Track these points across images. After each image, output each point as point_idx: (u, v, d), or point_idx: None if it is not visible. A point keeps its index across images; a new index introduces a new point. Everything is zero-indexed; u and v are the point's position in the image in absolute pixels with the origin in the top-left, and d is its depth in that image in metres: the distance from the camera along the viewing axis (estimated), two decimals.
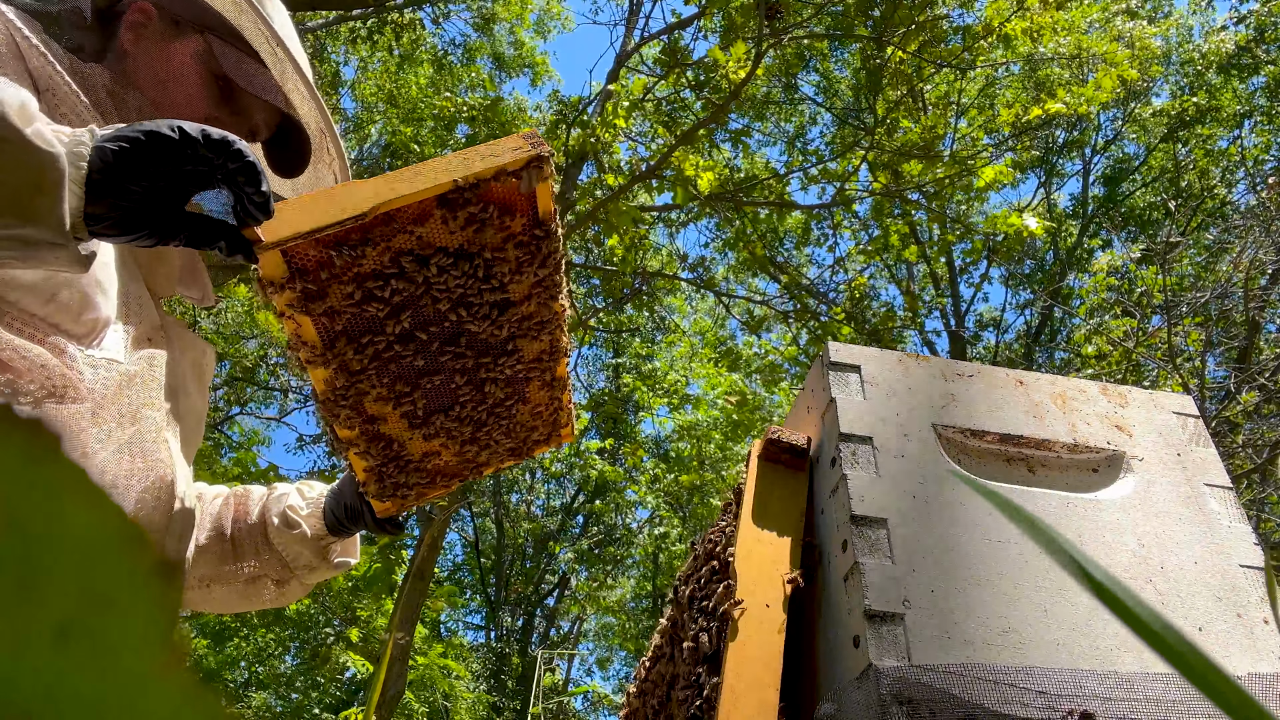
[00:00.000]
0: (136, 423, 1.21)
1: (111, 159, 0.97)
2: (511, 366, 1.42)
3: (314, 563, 1.64)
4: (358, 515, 1.60)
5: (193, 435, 1.40)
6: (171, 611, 1.34)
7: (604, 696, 13.82)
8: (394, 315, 1.24)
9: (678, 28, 8.77)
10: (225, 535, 1.62)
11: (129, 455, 1.19)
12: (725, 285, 13.29)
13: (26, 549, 0.19)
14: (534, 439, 1.61)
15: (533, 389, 1.49)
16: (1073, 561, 0.28)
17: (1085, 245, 15.46)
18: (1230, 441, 7.26)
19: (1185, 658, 0.26)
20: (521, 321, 1.36)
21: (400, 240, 1.17)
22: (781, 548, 1.43)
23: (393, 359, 1.30)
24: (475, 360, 1.37)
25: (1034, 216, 8.12)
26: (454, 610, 18.01)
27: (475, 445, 1.52)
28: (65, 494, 0.19)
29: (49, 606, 0.18)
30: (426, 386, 1.37)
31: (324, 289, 1.17)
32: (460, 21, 13.06)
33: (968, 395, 1.55)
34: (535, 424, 1.57)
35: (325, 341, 1.23)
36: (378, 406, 1.36)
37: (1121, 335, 8.03)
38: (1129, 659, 1.26)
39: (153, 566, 0.20)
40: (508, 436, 1.56)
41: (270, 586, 1.64)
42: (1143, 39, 10.76)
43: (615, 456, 14.84)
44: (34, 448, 0.19)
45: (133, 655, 0.19)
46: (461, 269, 1.24)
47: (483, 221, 1.20)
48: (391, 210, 1.14)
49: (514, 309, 1.34)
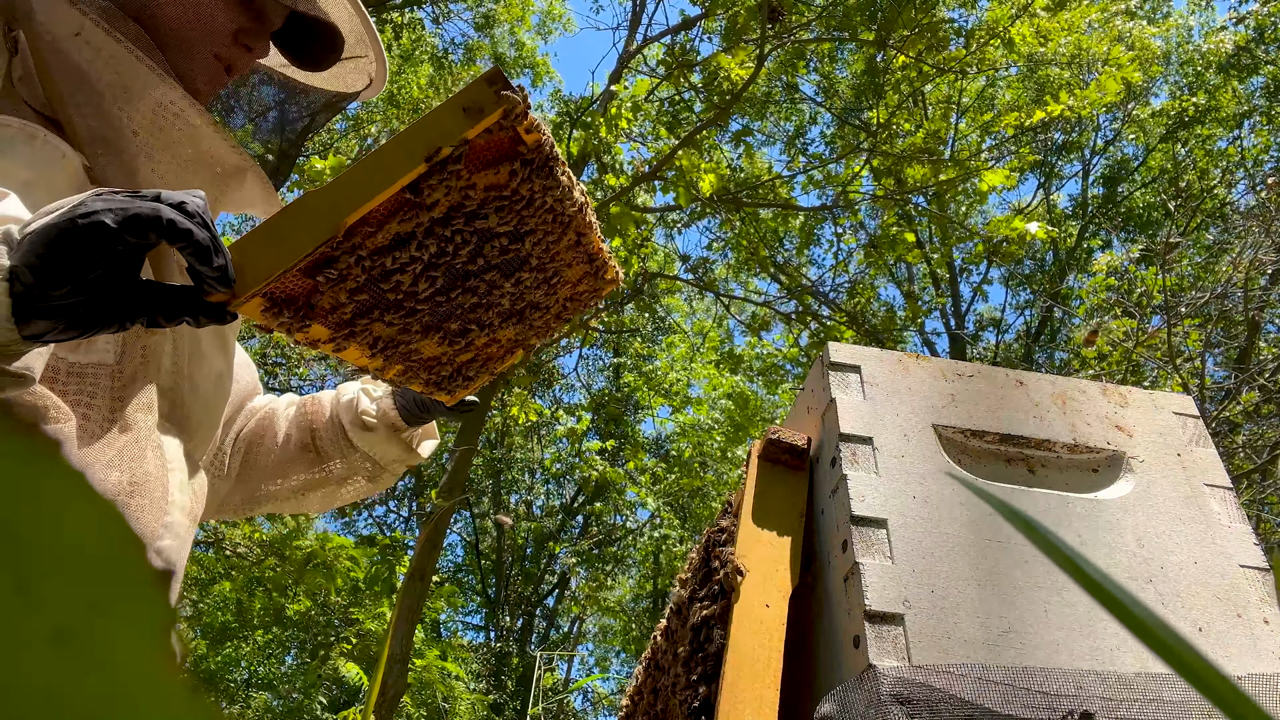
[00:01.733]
0: (126, 431, 1.18)
1: (38, 267, 0.87)
2: (542, 261, 1.30)
3: (402, 455, 1.71)
4: (428, 405, 1.63)
5: (212, 400, 1.38)
6: (169, 616, 1.32)
7: (605, 697, 13.84)
8: (410, 293, 1.16)
9: (681, 29, 8.77)
10: (308, 445, 1.68)
11: (116, 470, 1.16)
12: (724, 286, 13.29)
13: (23, 553, 0.19)
14: (580, 294, 1.47)
15: (565, 260, 1.36)
16: (1069, 562, 0.28)
17: (1085, 245, 15.46)
18: (1230, 441, 7.26)
19: (1183, 658, 0.26)
20: (543, 235, 1.26)
21: (381, 237, 1.07)
22: (781, 548, 1.43)
23: (422, 313, 1.22)
24: (505, 275, 1.27)
25: (1037, 222, 8.12)
26: (454, 610, 18.02)
27: (521, 323, 1.42)
28: (63, 498, 0.19)
29: (46, 610, 0.18)
30: (460, 311, 1.27)
31: (317, 303, 1.09)
32: (461, 22, 13.06)
33: (968, 395, 1.55)
34: (580, 286, 1.45)
35: (341, 329, 1.15)
36: (419, 342, 1.28)
37: (1121, 336, 8.03)
38: (1129, 659, 1.26)
39: (151, 572, 0.20)
40: (551, 299, 1.42)
41: (362, 482, 1.72)
42: (1142, 39, 10.76)
43: (616, 458, 14.85)
44: (31, 451, 0.19)
45: (130, 660, 0.19)
46: (460, 225, 1.13)
47: (469, 183, 1.09)
48: (363, 216, 1.03)
49: (531, 234, 1.24)
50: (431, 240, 1.13)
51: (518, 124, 1.07)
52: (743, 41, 7.50)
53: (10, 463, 0.19)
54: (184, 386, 1.31)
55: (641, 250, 8.68)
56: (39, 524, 0.19)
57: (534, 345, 1.51)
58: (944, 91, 11.37)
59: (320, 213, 1.01)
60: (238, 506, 1.68)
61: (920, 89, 9.15)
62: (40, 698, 0.18)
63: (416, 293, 1.18)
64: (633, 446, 13.94)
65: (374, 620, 10.97)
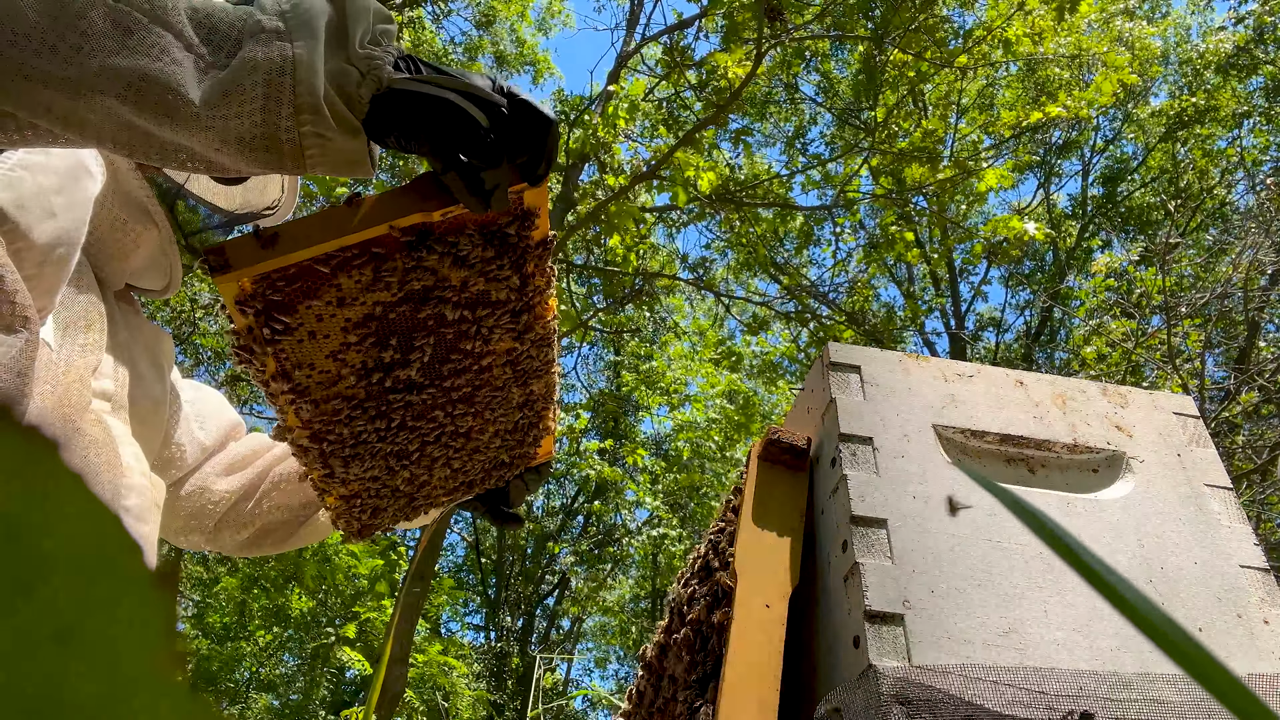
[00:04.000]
0: (66, 400, 1.13)
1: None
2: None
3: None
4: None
5: (150, 422, 1.35)
6: (170, 617, 1.31)
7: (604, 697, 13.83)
8: (396, 382, 1.20)
9: (679, 28, 8.77)
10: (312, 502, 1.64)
11: (60, 421, 1.11)
12: (725, 286, 13.30)
13: (24, 553, 0.18)
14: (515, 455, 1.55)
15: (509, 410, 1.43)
16: (1075, 556, 0.28)
17: (1085, 245, 15.47)
18: (1230, 441, 7.27)
19: (1189, 654, 0.26)
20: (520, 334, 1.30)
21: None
22: (781, 548, 1.43)
23: (394, 422, 1.26)
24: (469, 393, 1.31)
25: (1034, 223, 8.13)
26: (453, 609, 18.02)
27: (451, 469, 1.46)
28: (62, 498, 0.19)
29: (46, 611, 0.18)
30: (419, 432, 1.32)
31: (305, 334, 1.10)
32: (461, 20, 13.05)
33: (968, 395, 1.55)
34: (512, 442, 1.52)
35: (299, 391, 1.16)
36: (367, 460, 1.31)
37: (1121, 336, 8.03)
38: (1129, 659, 1.26)
39: (152, 573, 0.20)
40: (483, 456, 1.49)
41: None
42: (1141, 39, 10.76)
43: (616, 457, 14.84)
44: (31, 451, 0.19)
45: (132, 660, 0.19)
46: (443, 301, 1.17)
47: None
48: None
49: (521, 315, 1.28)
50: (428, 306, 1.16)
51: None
52: (741, 41, 7.50)
53: (10, 463, 0.19)
54: (122, 397, 1.27)
55: (639, 247, 8.67)
56: (39, 524, 0.19)
57: (454, 499, 1.54)
58: (943, 92, 11.36)
59: (372, 216, 1.06)
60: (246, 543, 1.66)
61: (918, 87, 9.15)
62: (41, 698, 0.18)
63: (402, 381, 1.20)
64: (632, 444, 13.95)
65: (376, 613, 10.97)
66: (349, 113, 0.95)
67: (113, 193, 1.26)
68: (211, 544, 1.63)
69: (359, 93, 0.96)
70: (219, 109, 0.90)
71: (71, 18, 0.86)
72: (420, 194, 1.06)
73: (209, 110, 0.90)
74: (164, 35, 0.90)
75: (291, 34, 0.93)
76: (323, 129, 0.94)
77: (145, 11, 0.90)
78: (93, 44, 0.86)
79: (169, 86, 0.89)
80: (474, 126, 0.97)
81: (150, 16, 0.90)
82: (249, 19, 0.94)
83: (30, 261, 1.05)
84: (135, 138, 0.92)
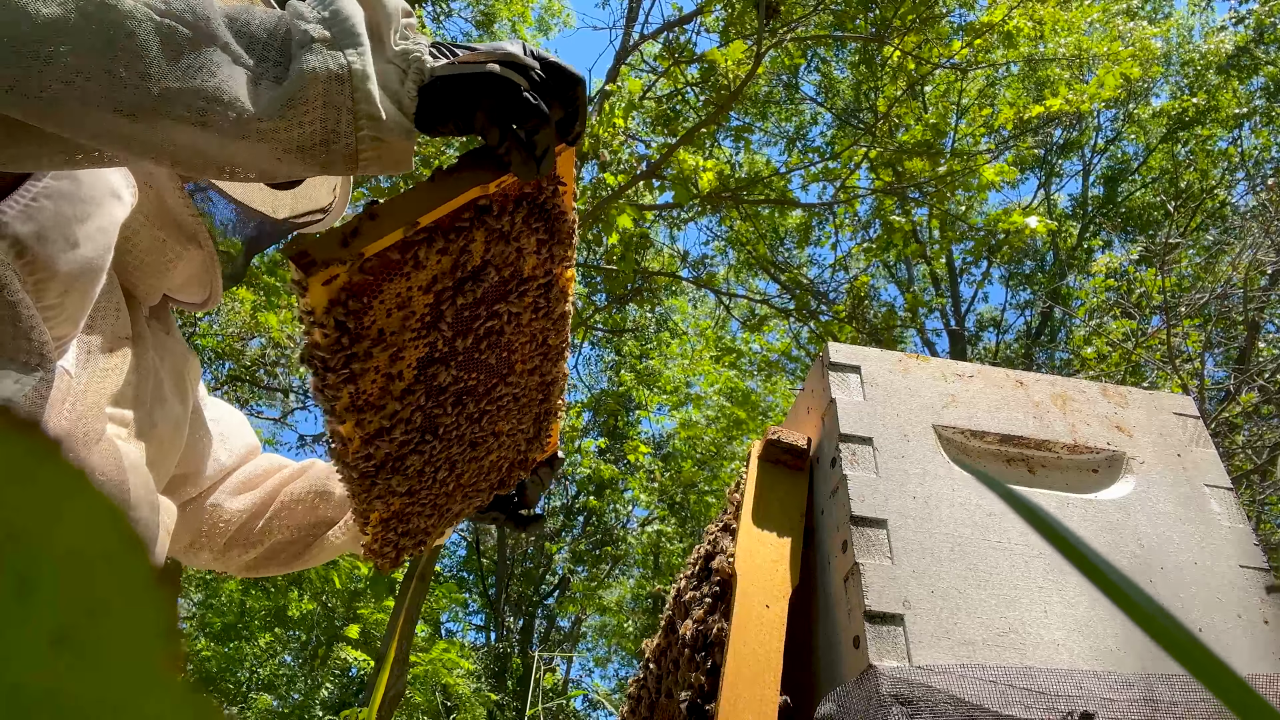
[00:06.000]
0: (77, 426, 1.12)
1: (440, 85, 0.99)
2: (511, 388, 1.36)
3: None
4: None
5: (170, 443, 1.35)
6: (171, 617, 1.30)
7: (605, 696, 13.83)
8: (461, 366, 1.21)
9: (677, 24, 8.77)
10: (327, 521, 1.64)
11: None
12: (726, 285, 13.29)
13: (24, 553, 0.18)
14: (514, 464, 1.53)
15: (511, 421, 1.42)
16: (1075, 552, 0.28)
17: (1085, 245, 15.47)
18: (1230, 441, 7.27)
19: (1191, 651, 0.26)
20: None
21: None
22: (781, 548, 1.43)
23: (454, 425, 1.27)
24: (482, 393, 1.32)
25: (1036, 216, 8.12)
26: (453, 609, 18.02)
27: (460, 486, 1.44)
28: (63, 497, 0.19)
29: (47, 612, 0.18)
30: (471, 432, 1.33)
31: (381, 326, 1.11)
32: (461, 20, 13.05)
33: (968, 395, 1.55)
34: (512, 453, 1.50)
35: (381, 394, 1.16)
36: (429, 476, 1.31)
37: (1121, 336, 8.03)
38: (1129, 659, 1.26)
39: (152, 573, 0.20)
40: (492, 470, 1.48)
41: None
42: (1142, 39, 10.76)
43: (617, 456, 14.84)
44: (32, 451, 0.19)
45: (131, 661, 0.19)
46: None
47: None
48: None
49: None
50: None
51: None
52: (739, 38, 7.50)
53: (10, 463, 0.19)
54: (145, 421, 1.26)
55: (639, 246, 8.67)
56: (39, 524, 0.19)
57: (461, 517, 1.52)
58: (943, 90, 11.36)
59: (443, 193, 1.08)
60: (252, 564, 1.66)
61: (918, 83, 9.14)
62: (41, 698, 0.18)
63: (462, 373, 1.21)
64: (634, 440, 13.94)
65: (379, 613, 10.95)
66: (401, 115, 0.99)
67: (154, 213, 1.26)
68: (219, 562, 1.63)
69: (405, 90, 0.99)
70: (280, 120, 0.93)
71: (123, 39, 0.86)
72: (470, 171, 1.09)
73: (271, 123, 0.92)
74: (213, 50, 0.92)
75: (339, 42, 0.96)
76: (380, 132, 0.97)
77: (190, 25, 0.91)
78: (149, 67, 0.87)
79: (229, 103, 0.90)
80: (518, 92, 1.01)
81: (195, 30, 0.91)
82: (293, 27, 0.96)
83: (53, 292, 1.05)
84: (195, 155, 0.93)
